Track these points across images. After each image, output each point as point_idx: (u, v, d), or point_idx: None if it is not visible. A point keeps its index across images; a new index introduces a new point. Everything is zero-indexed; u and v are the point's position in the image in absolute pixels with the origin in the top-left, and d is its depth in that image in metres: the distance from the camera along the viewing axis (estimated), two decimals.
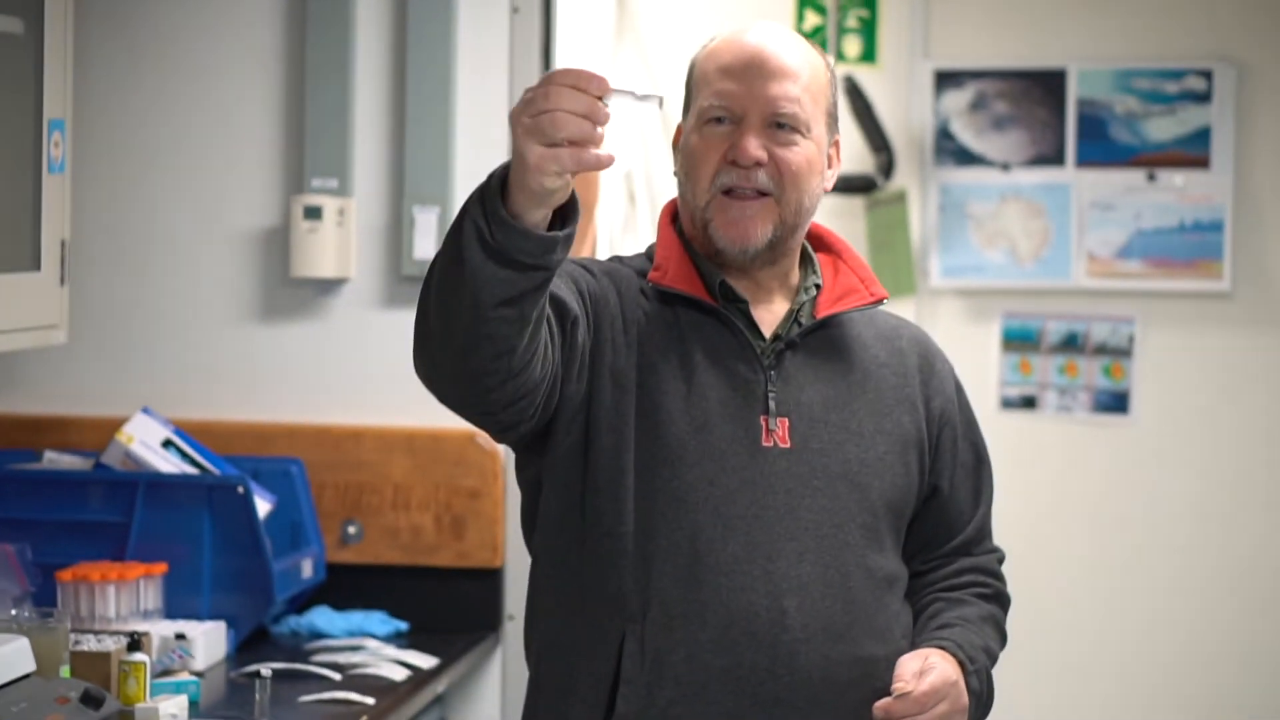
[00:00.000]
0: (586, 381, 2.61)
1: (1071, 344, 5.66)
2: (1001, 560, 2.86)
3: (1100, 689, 5.68)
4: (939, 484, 2.77)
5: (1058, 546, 5.63)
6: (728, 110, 2.64)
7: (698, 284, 2.69)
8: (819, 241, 2.80)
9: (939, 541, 2.79)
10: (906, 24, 5.70)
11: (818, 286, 2.74)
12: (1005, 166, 5.67)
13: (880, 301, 2.77)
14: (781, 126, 2.64)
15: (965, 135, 5.68)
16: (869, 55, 5.72)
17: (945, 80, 5.68)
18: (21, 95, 3.58)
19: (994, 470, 2.87)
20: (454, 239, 2.33)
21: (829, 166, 2.72)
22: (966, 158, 5.68)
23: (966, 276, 5.69)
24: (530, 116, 2.25)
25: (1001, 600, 2.83)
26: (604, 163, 2.26)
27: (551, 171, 2.26)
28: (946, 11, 5.69)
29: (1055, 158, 5.64)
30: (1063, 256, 5.64)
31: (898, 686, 2.59)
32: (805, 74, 2.66)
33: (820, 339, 2.72)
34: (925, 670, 2.61)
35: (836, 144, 2.73)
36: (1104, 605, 5.67)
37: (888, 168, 5.68)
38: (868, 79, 5.70)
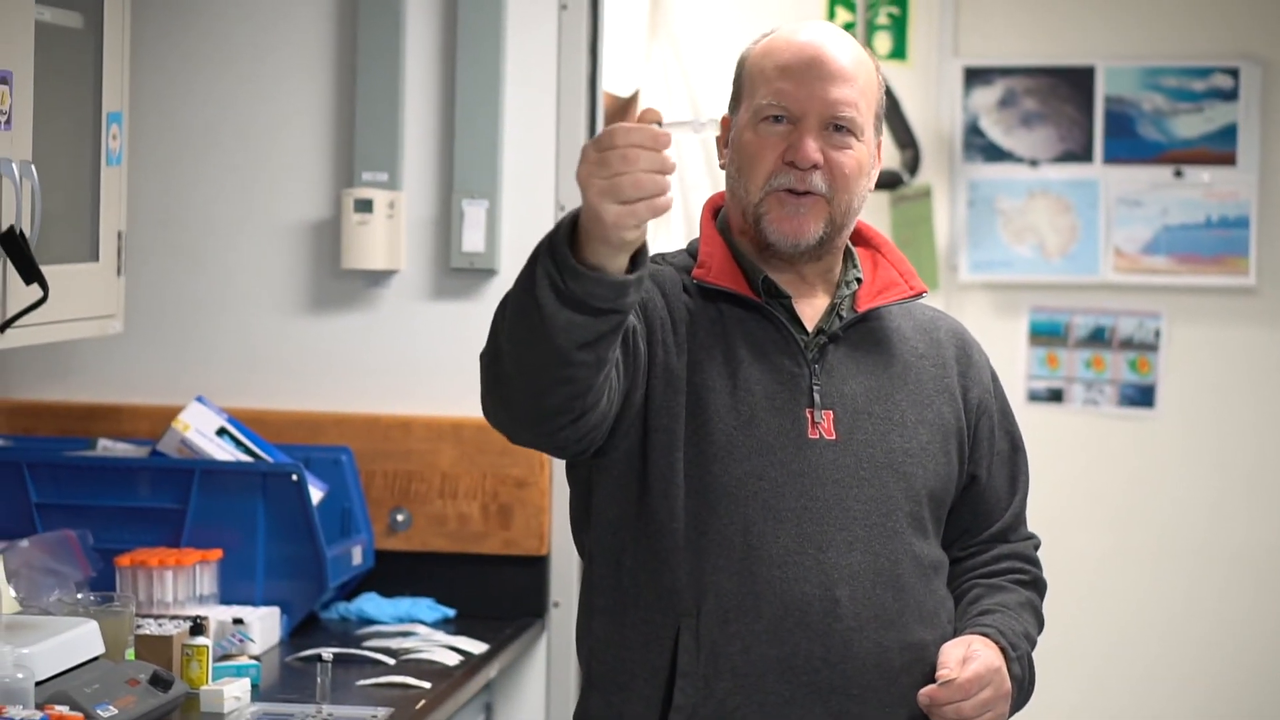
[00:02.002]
0: (645, 385, 2.65)
1: (1098, 338, 5.72)
2: (1038, 546, 2.89)
3: (1123, 679, 5.73)
4: (977, 473, 2.81)
5: (1082, 538, 5.68)
6: (786, 110, 2.67)
7: (741, 280, 2.72)
8: (858, 236, 2.83)
9: (977, 529, 2.83)
10: (937, 21, 5.76)
11: (858, 280, 2.77)
12: (1033, 163, 5.72)
13: (920, 295, 2.81)
14: (838, 129, 2.67)
15: (994, 131, 5.74)
16: (899, 52, 5.78)
17: (974, 77, 5.74)
18: (81, 88, 3.62)
19: None
20: (527, 287, 2.36)
21: (872, 166, 2.76)
22: (995, 154, 5.74)
23: (995, 271, 5.75)
24: (605, 179, 2.28)
25: (1039, 586, 2.87)
26: (668, 206, 2.31)
27: (630, 226, 2.29)
28: (976, 9, 5.74)
29: (1083, 154, 5.70)
30: (1090, 252, 5.70)
31: (942, 674, 2.63)
32: (861, 77, 2.70)
33: (861, 332, 2.75)
34: (969, 657, 2.65)
35: (879, 145, 2.77)
36: (1127, 596, 5.72)
37: (913, 164, 5.74)
38: (898, 76, 5.75)
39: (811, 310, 2.74)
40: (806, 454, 2.65)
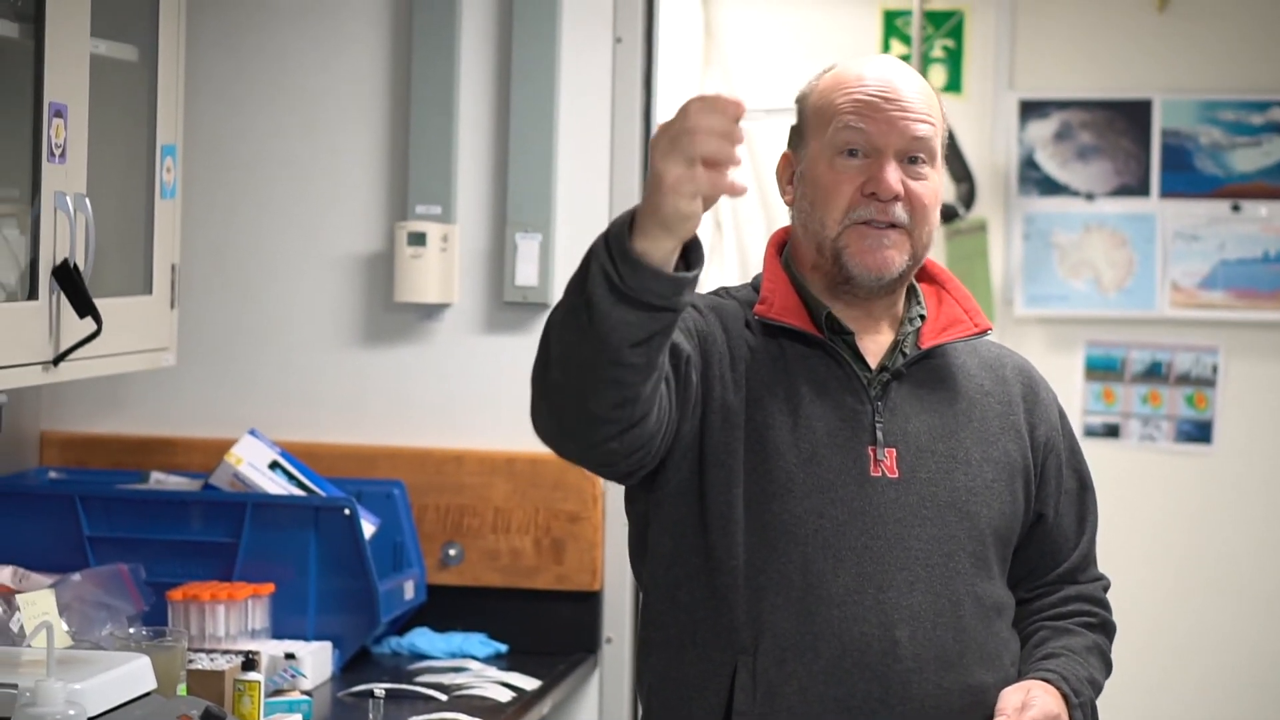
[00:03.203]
0: (698, 419, 2.62)
1: (1155, 373, 5.67)
2: (1107, 588, 2.86)
3: (1179, 716, 5.68)
4: (1044, 511, 2.78)
5: (1138, 575, 5.63)
6: (865, 143, 2.65)
7: (804, 316, 2.70)
8: (922, 272, 2.81)
9: (1044, 569, 2.79)
10: (992, 54, 5.73)
11: (922, 317, 2.75)
12: (1089, 196, 5.69)
13: (985, 333, 2.79)
14: (914, 161, 2.66)
15: (1050, 165, 5.70)
16: (954, 85, 5.75)
17: (1030, 110, 5.71)
18: (135, 121, 3.64)
19: None
20: (579, 286, 2.33)
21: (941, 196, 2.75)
22: (1051, 187, 5.70)
23: (1050, 305, 5.71)
24: (670, 137, 2.25)
25: (1107, 629, 2.83)
26: (737, 190, 2.27)
27: (687, 193, 2.25)
28: (1032, 42, 5.71)
29: (1139, 188, 5.66)
30: (1147, 286, 5.66)
31: None
32: (933, 108, 2.69)
33: (925, 369, 2.73)
34: (1027, 704, 2.61)
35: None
36: (1184, 632, 5.67)
37: (969, 197, 5.71)
38: (953, 109, 5.71)
39: (875, 346, 2.72)
40: (868, 492, 2.63)
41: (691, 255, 2.34)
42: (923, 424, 2.68)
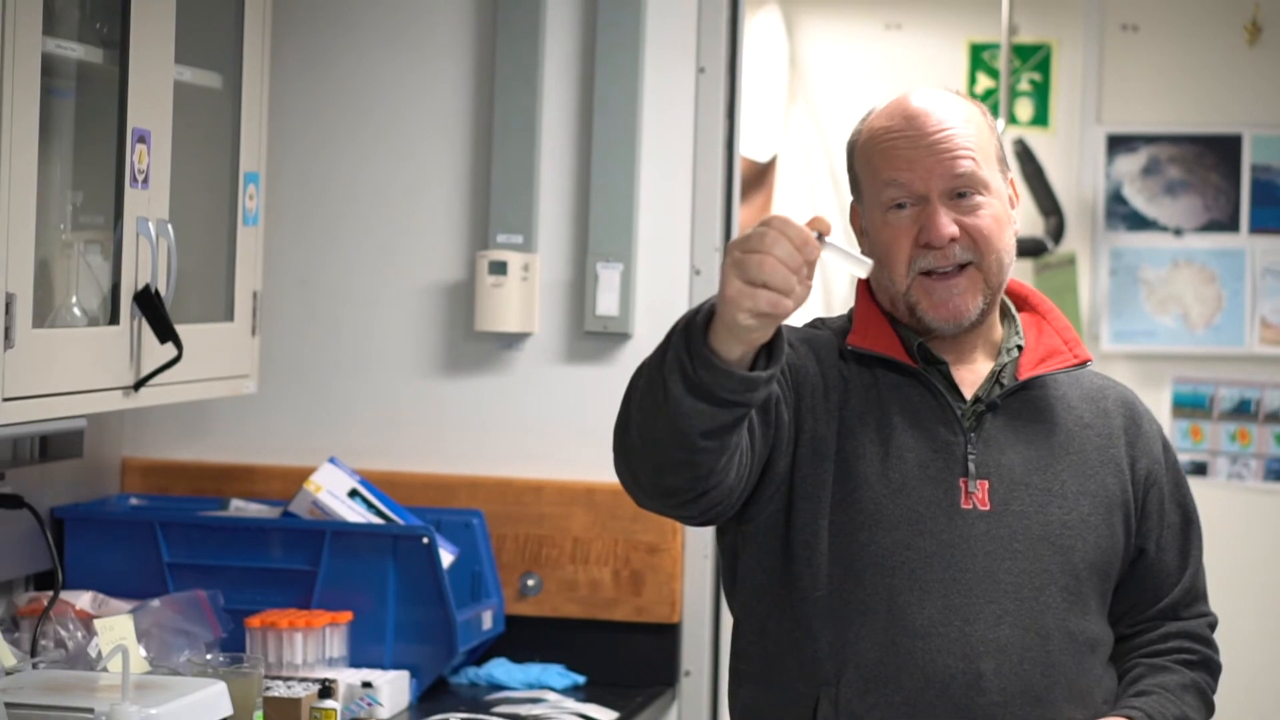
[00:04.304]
0: (791, 454, 2.62)
1: (1244, 411, 5.62)
2: (1214, 625, 2.83)
3: None
4: (1145, 546, 2.74)
5: (1226, 615, 5.56)
6: (909, 195, 2.63)
7: (897, 346, 2.69)
8: (1023, 301, 2.79)
9: (1145, 604, 2.76)
10: (1079, 88, 5.70)
11: (1020, 347, 2.73)
12: (1178, 232, 5.64)
13: (1084, 364, 2.75)
14: (964, 195, 2.64)
15: (1137, 200, 5.66)
16: (1041, 119, 5.72)
17: (1118, 144, 5.67)
18: (219, 148, 3.65)
19: None
20: (657, 366, 2.34)
21: (1012, 207, 2.71)
22: (1139, 222, 5.66)
23: (1137, 341, 5.67)
24: (741, 251, 2.25)
25: (1210, 667, 2.80)
26: (789, 312, 2.26)
27: (745, 308, 2.25)
28: (1119, 76, 5.68)
29: (1229, 223, 5.61)
30: (1235, 323, 5.61)
31: None
32: (970, 132, 2.65)
33: (1023, 400, 2.70)
34: None
35: (1011, 182, 2.72)
36: (1274, 673, 5.61)
37: (1058, 231, 5.68)
38: (1040, 142, 5.70)
39: (972, 376, 2.70)
40: (958, 524, 2.61)
41: (774, 348, 2.34)
42: (1018, 456, 2.66)
